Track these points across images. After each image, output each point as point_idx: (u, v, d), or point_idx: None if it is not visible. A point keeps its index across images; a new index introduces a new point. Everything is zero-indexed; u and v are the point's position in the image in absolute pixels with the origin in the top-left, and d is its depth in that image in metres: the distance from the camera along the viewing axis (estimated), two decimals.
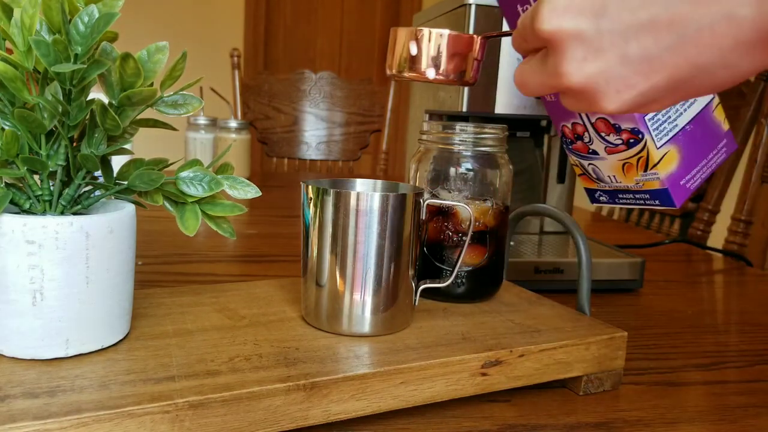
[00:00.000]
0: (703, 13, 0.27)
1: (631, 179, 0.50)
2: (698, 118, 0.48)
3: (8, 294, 0.36)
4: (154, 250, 0.81)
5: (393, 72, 0.41)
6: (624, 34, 0.29)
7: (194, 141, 1.38)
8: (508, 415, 0.42)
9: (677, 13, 0.28)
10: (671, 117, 0.47)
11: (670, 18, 0.28)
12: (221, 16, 3.16)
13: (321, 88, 1.90)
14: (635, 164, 0.49)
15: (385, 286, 0.44)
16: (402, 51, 0.40)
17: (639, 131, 0.47)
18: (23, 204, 0.38)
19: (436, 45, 0.39)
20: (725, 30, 0.27)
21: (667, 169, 0.48)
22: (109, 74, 0.37)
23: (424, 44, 0.39)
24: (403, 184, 0.49)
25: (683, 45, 0.28)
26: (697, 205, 1.27)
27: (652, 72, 0.30)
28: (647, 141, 0.47)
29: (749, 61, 0.28)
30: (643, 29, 0.29)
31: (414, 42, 0.39)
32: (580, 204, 1.41)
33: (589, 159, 0.53)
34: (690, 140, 0.48)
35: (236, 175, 0.42)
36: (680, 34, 0.28)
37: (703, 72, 0.29)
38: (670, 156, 0.47)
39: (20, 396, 0.32)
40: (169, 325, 0.43)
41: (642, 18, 0.29)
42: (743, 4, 0.26)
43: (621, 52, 0.30)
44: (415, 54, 0.39)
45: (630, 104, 0.31)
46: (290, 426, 0.36)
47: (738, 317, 0.69)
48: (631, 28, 0.29)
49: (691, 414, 0.44)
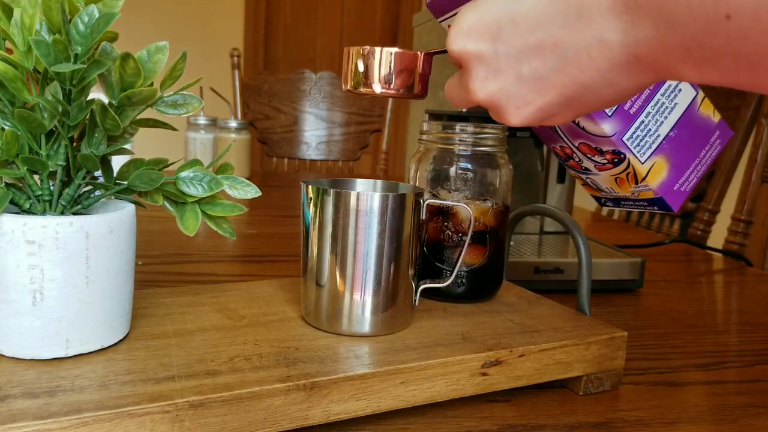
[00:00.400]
0: (579, 38, 0.30)
1: (627, 190, 0.51)
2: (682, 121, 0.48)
3: (8, 294, 0.36)
4: (154, 250, 0.81)
5: (347, 87, 0.44)
6: (517, 57, 0.32)
7: (194, 141, 1.38)
8: (508, 415, 0.42)
9: (558, 37, 0.30)
10: (651, 129, 0.47)
11: (553, 42, 0.31)
12: (221, 16, 3.16)
13: (321, 88, 1.90)
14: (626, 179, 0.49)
15: (385, 286, 0.44)
16: (353, 68, 0.42)
17: (620, 152, 0.47)
18: (23, 204, 0.38)
19: (381, 62, 0.42)
20: (599, 53, 0.29)
21: (657, 179, 0.48)
22: (109, 74, 0.37)
23: (371, 62, 0.42)
24: (403, 184, 0.49)
25: (566, 66, 0.31)
26: (697, 205, 1.27)
27: (544, 90, 0.32)
28: (630, 159, 0.47)
29: (628, 80, 0.30)
30: (532, 52, 0.32)
31: (362, 60, 0.42)
32: (580, 204, 1.41)
33: (584, 174, 0.53)
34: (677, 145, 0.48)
35: (236, 175, 0.42)
36: (562, 56, 0.31)
37: (589, 90, 0.31)
38: (658, 166, 0.47)
39: (20, 396, 0.32)
40: (169, 325, 0.43)
41: (530, 42, 0.32)
42: (611, 30, 0.28)
43: (516, 72, 0.33)
44: (363, 71, 0.42)
45: (531, 118, 0.34)
46: (290, 426, 0.36)
47: (738, 317, 0.69)
48: (523, 51, 0.32)
49: (691, 414, 0.44)
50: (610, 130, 0.46)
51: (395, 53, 0.41)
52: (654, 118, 0.47)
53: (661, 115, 0.47)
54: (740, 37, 0.24)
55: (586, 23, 0.29)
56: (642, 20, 0.27)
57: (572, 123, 0.48)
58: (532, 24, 0.31)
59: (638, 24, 0.27)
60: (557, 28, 0.30)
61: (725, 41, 0.25)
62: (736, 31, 0.24)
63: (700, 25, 0.25)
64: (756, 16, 0.23)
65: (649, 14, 0.27)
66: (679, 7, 0.25)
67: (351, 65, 0.42)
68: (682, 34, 0.26)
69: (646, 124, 0.46)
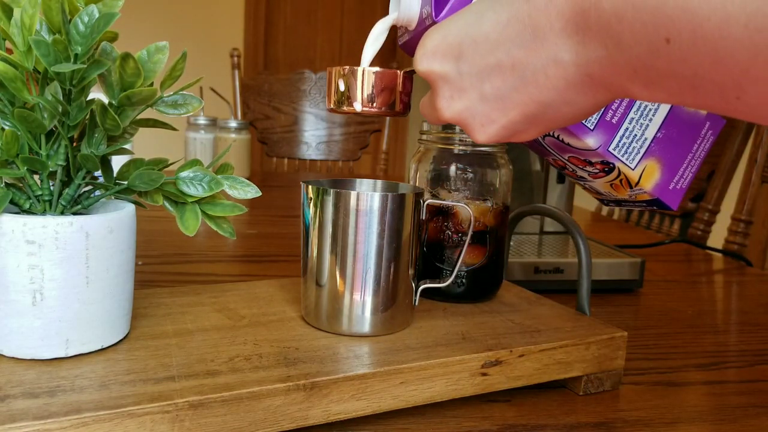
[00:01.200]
0: (535, 58, 0.30)
1: (624, 194, 0.51)
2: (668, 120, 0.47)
3: (8, 294, 0.36)
4: (154, 250, 0.81)
5: (330, 106, 0.44)
6: (479, 76, 0.33)
7: (194, 141, 1.38)
8: (508, 415, 0.42)
9: (516, 57, 0.31)
10: (637, 135, 0.46)
11: (511, 62, 0.32)
12: (221, 16, 3.15)
13: (321, 88, 1.90)
14: (620, 184, 0.49)
15: (385, 286, 0.44)
16: (335, 88, 0.43)
17: (608, 162, 0.47)
18: (23, 204, 0.38)
19: (362, 81, 0.42)
20: (554, 72, 0.30)
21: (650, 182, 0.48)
22: (109, 74, 0.37)
23: (352, 81, 0.42)
24: (403, 184, 0.49)
25: (525, 86, 0.32)
26: (697, 205, 1.27)
27: (506, 108, 0.33)
28: (619, 167, 0.47)
29: (585, 98, 0.31)
30: (492, 72, 0.33)
31: (342, 79, 0.42)
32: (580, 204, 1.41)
33: (581, 181, 0.53)
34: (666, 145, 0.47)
35: (236, 175, 0.42)
36: (521, 76, 0.31)
37: (549, 108, 0.32)
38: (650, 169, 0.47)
39: (20, 396, 0.32)
40: (169, 325, 0.43)
41: (490, 62, 0.33)
42: (565, 50, 0.29)
43: (479, 91, 0.34)
44: (343, 90, 0.42)
45: (497, 136, 0.35)
46: (290, 426, 0.36)
47: (738, 317, 0.69)
48: (484, 71, 0.33)
49: (691, 414, 0.44)
50: (595, 144, 0.46)
51: (375, 72, 0.42)
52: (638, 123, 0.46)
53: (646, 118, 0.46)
54: (680, 60, 0.25)
55: (540, 43, 0.30)
56: (592, 41, 0.28)
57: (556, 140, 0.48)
58: (492, 44, 0.32)
59: (589, 44, 0.28)
60: (515, 48, 0.31)
61: (667, 64, 0.25)
62: (676, 55, 0.25)
63: (644, 48, 0.26)
64: (693, 41, 0.24)
65: (598, 35, 0.27)
66: (623, 30, 0.26)
67: (333, 85, 0.43)
68: (629, 55, 0.27)
69: (631, 131, 0.46)
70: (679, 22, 0.24)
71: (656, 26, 0.25)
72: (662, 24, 0.24)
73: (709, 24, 0.23)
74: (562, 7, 0.29)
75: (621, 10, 0.26)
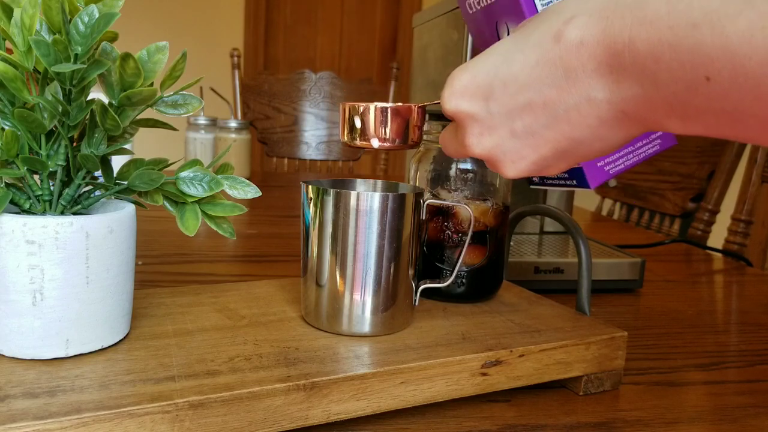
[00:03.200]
0: (568, 97, 0.31)
1: None
2: None
3: (8, 294, 0.36)
4: (154, 250, 0.81)
5: (345, 140, 0.44)
6: (509, 115, 0.34)
7: (194, 141, 1.38)
8: (508, 415, 0.42)
9: (547, 96, 0.32)
10: None
11: (542, 101, 0.32)
12: (221, 16, 3.15)
13: (321, 88, 1.90)
14: None
15: (385, 286, 0.44)
16: (349, 123, 0.43)
17: None
18: (23, 204, 0.38)
19: (377, 119, 0.42)
20: (588, 111, 0.30)
21: None
22: (109, 74, 0.37)
23: (367, 118, 0.42)
24: (403, 184, 0.49)
25: (557, 123, 0.32)
26: (697, 205, 1.27)
27: (537, 145, 0.34)
28: None
29: (618, 134, 0.31)
30: (523, 110, 0.33)
31: (357, 116, 0.43)
32: (580, 204, 1.41)
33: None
34: None
35: (236, 175, 0.42)
36: (553, 114, 0.32)
37: (581, 144, 0.32)
38: None
39: (20, 396, 0.32)
40: (169, 325, 0.43)
41: (520, 102, 0.33)
42: (598, 89, 0.30)
43: (509, 129, 0.34)
44: (360, 127, 0.43)
45: (526, 171, 0.35)
46: (290, 426, 0.36)
47: (738, 317, 0.69)
48: (514, 110, 0.33)
49: (691, 414, 0.44)
50: None
51: (390, 109, 0.42)
52: None
53: None
54: (720, 97, 0.25)
55: (573, 83, 0.30)
56: (626, 80, 0.28)
57: None
58: (522, 84, 0.33)
59: (623, 83, 0.28)
60: (546, 88, 0.31)
61: (706, 101, 0.26)
62: (716, 92, 0.25)
63: (681, 86, 0.26)
64: (734, 79, 0.24)
65: (633, 75, 0.28)
66: (660, 69, 0.26)
67: (347, 121, 0.43)
68: (665, 93, 0.27)
69: None
70: (719, 62, 0.24)
71: (694, 65, 0.25)
72: (701, 63, 0.25)
73: (751, 63, 0.23)
74: (594, 49, 0.29)
75: (657, 51, 0.26)
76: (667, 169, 1.35)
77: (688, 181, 1.29)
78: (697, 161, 1.28)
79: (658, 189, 1.36)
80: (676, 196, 1.31)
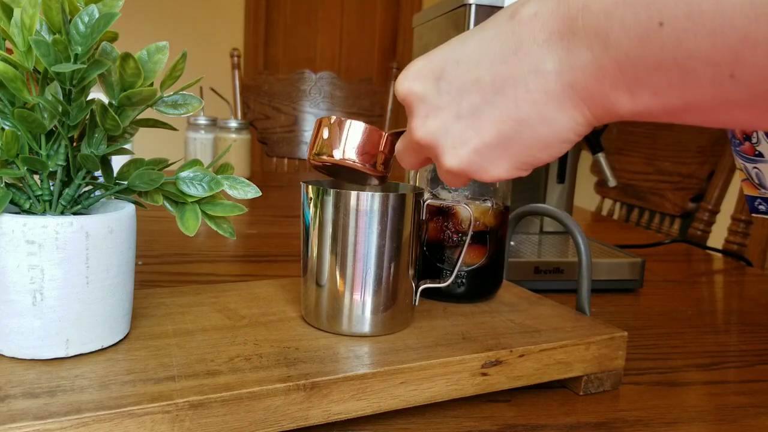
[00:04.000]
0: (516, 71, 0.30)
1: None
2: None
3: (8, 294, 0.36)
4: (154, 250, 0.81)
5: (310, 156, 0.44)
6: (458, 94, 0.33)
7: (194, 141, 1.38)
8: (508, 415, 0.42)
9: (496, 72, 0.31)
10: None
11: (491, 78, 0.31)
12: (221, 16, 3.15)
13: (321, 88, 1.90)
14: None
15: (385, 286, 0.44)
16: (319, 136, 0.43)
17: None
18: (23, 204, 0.38)
19: (347, 133, 0.42)
20: (535, 84, 0.30)
21: None
22: (109, 74, 0.37)
23: (337, 131, 0.42)
24: (403, 184, 0.49)
25: (504, 100, 0.31)
26: (697, 205, 1.27)
27: (481, 127, 0.33)
28: None
29: (564, 116, 0.30)
30: (471, 88, 0.32)
31: (328, 128, 0.43)
32: (580, 204, 1.41)
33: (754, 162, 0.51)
34: None
35: (236, 175, 0.42)
36: (500, 90, 0.31)
37: (525, 127, 0.31)
38: None
39: (20, 396, 0.32)
40: (169, 325, 0.43)
41: (470, 78, 0.32)
42: (548, 59, 0.29)
43: (456, 109, 0.33)
44: (326, 138, 0.43)
45: (467, 160, 0.34)
46: (290, 426, 0.36)
47: (738, 317, 0.69)
48: (463, 88, 0.33)
49: (691, 414, 0.44)
50: None
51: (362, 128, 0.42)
52: None
53: None
54: (674, 42, 0.25)
55: (523, 56, 0.30)
56: (577, 46, 0.28)
57: None
58: (474, 62, 0.32)
59: (574, 50, 0.28)
60: (496, 64, 0.31)
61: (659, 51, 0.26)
62: (670, 37, 0.25)
63: (634, 41, 0.26)
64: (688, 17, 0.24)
65: (585, 38, 0.28)
66: (613, 25, 0.26)
67: (318, 134, 0.43)
68: (616, 53, 0.27)
69: None
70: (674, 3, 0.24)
71: (649, 12, 0.25)
72: (655, 9, 0.25)
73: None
74: (547, 19, 0.29)
75: (611, 6, 0.26)
76: (667, 169, 1.35)
77: (688, 181, 1.29)
78: (697, 161, 1.28)
79: (658, 189, 1.36)
80: (676, 196, 1.31)
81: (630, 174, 1.45)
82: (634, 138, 1.46)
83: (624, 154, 1.47)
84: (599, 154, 0.82)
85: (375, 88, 1.94)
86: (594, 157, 0.82)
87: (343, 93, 1.92)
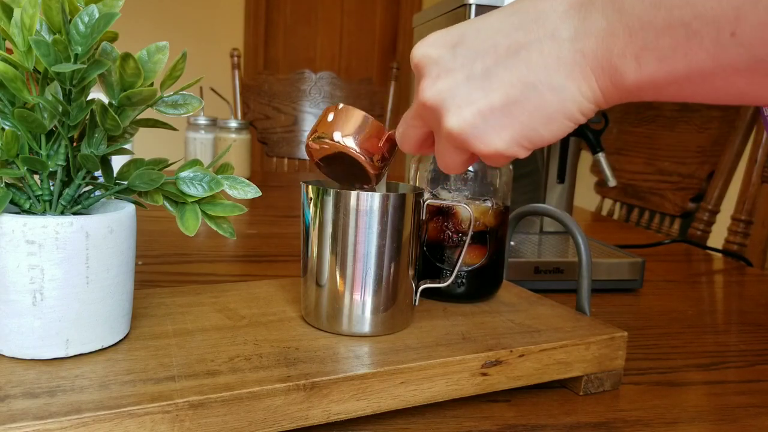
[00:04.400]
0: (533, 37, 0.32)
1: None
2: None
3: (8, 294, 0.36)
4: (154, 250, 0.81)
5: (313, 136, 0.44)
6: (473, 57, 0.34)
7: (194, 141, 1.38)
8: (508, 415, 0.42)
9: (514, 38, 0.32)
10: None
11: (508, 43, 0.32)
12: (221, 16, 3.15)
13: (321, 88, 1.90)
14: None
15: (385, 286, 0.44)
16: (323, 119, 0.43)
17: None
18: (23, 204, 0.38)
19: (351, 120, 0.43)
20: (549, 49, 0.31)
21: None
22: (109, 74, 0.37)
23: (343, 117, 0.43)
24: (403, 184, 0.49)
25: (516, 63, 0.32)
26: (697, 205, 1.27)
27: (490, 89, 0.33)
28: None
29: (572, 85, 0.31)
30: (487, 52, 0.33)
31: (333, 113, 0.43)
32: (580, 204, 1.41)
33: None
34: None
35: (236, 175, 0.42)
36: (515, 53, 0.32)
37: (533, 91, 0.32)
38: None
39: (20, 396, 0.32)
40: (169, 325, 0.43)
41: (488, 44, 0.33)
42: (564, 27, 0.31)
43: (468, 71, 0.34)
44: (330, 121, 0.43)
45: (470, 122, 0.34)
46: (290, 426, 0.36)
47: (738, 317, 0.69)
48: (479, 52, 0.33)
49: (691, 414, 0.44)
50: None
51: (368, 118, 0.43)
52: None
53: None
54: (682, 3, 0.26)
55: (541, 24, 0.31)
56: (593, 14, 0.30)
57: None
58: (493, 30, 0.33)
59: (589, 18, 0.30)
60: (515, 31, 0.32)
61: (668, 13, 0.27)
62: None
63: (646, 2, 0.27)
64: None
65: (602, 7, 0.29)
66: None
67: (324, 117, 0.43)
68: (629, 18, 0.28)
69: None
70: None
71: None
72: None
73: None
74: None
75: None
76: (667, 169, 1.35)
77: (688, 181, 1.29)
78: (697, 161, 1.28)
79: (658, 189, 1.36)
80: (676, 196, 1.31)
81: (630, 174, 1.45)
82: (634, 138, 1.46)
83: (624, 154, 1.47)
84: (599, 154, 0.82)
85: (375, 88, 1.94)
86: (594, 157, 0.82)
87: (343, 93, 1.92)
